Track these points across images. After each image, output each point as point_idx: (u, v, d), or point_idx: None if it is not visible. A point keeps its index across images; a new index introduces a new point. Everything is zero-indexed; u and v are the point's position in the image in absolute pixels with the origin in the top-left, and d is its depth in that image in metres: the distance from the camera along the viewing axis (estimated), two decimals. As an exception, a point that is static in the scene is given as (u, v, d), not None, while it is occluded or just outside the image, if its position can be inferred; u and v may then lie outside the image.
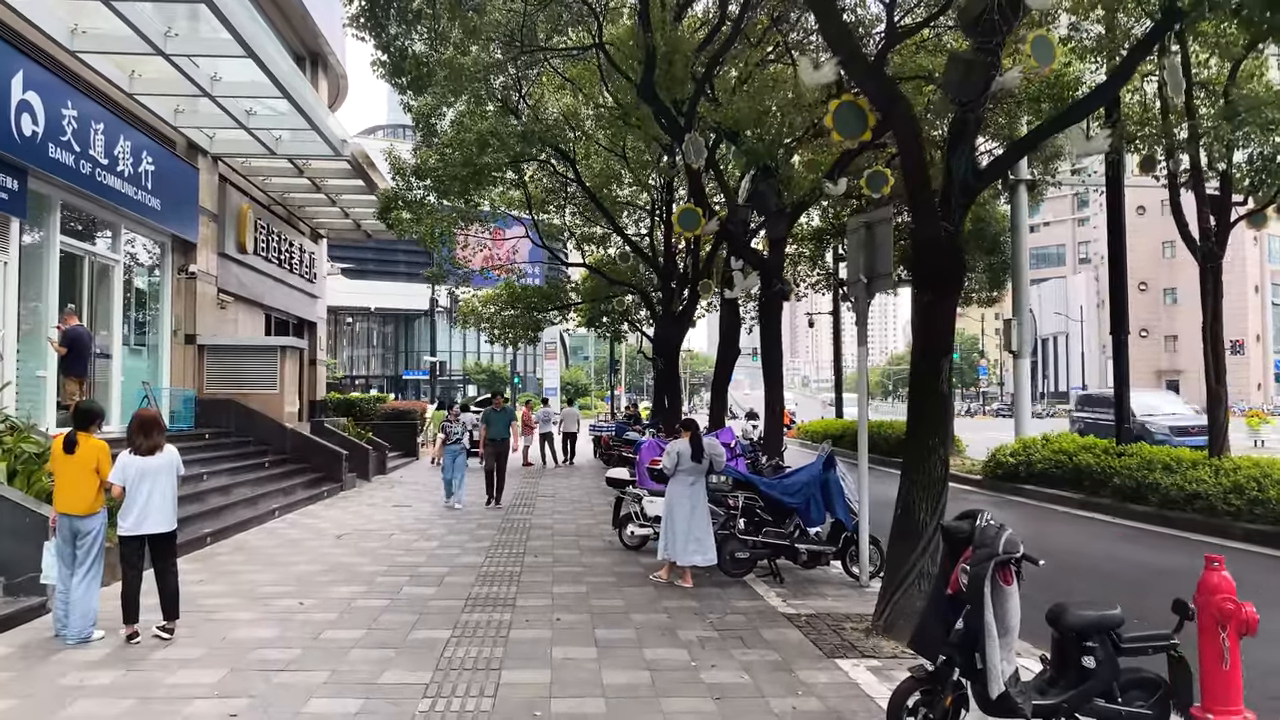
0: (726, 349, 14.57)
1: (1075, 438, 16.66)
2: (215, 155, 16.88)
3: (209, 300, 16.82)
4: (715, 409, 14.88)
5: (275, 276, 20.52)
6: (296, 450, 16.41)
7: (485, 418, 15.03)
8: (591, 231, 27.87)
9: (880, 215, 8.41)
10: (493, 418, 14.88)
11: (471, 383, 73.27)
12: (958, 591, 4.39)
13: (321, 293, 24.56)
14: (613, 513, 10.71)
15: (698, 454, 8.34)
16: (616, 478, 10.67)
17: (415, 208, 18.09)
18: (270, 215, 20.18)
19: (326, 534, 11.45)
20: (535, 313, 26.59)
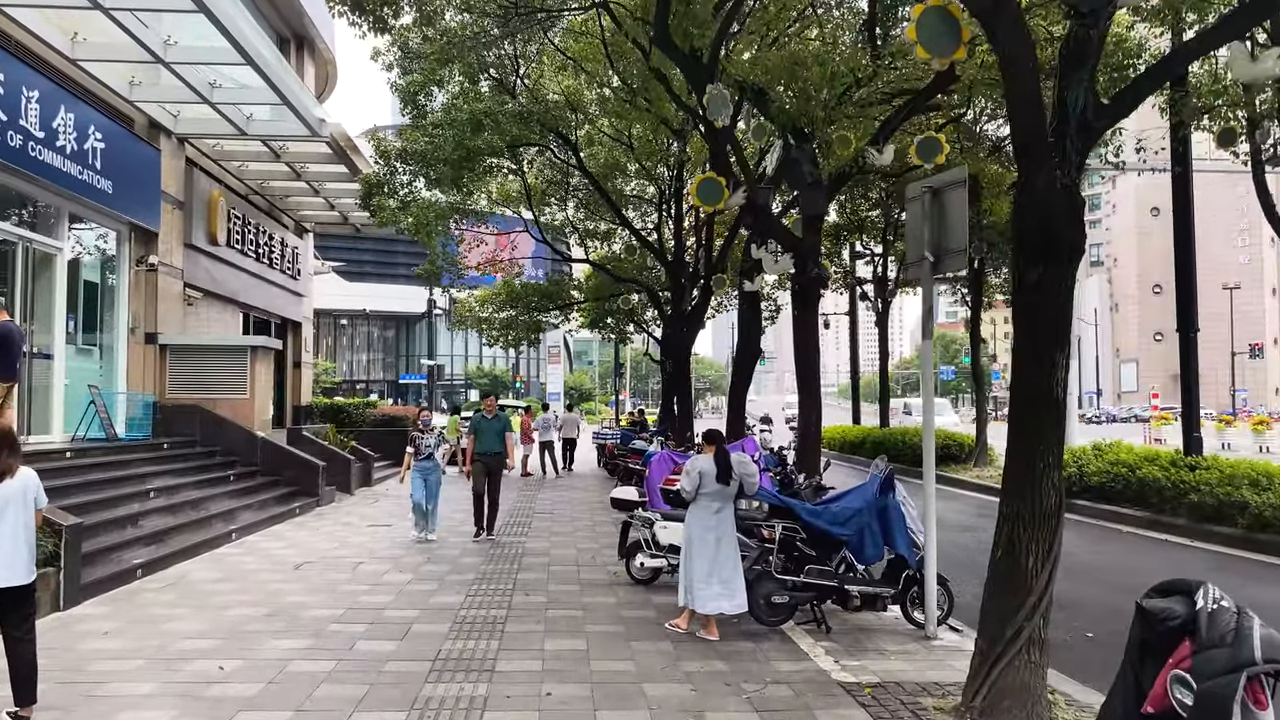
0: (746, 349, 12.96)
1: (1132, 447, 14.99)
2: (181, 136, 15.32)
3: (174, 296, 15.24)
4: (733, 417, 13.25)
5: (253, 272, 18.95)
6: (269, 462, 14.81)
7: (474, 426, 12.03)
8: (595, 227, 26.30)
9: (951, 178, 6.79)
10: (482, 426, 11.93)
11: (473, 387, 71.62)
12: (1166, 712, 2.77)
13: (307, 291, 22.99)
14: (619, 539, 9.08)
15: (724, 474, 6.71)
16: (623, 498, 9.03)
17: (401, 195, 16.50)
18: (248, 205, 18.61)
19: (285, 563, 9.84)
20: (536, 313, 25.03)
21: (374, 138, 16.58)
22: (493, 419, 12.01)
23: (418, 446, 11.67)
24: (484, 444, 11.89)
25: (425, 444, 11.72)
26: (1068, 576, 8.87)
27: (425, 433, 11.91)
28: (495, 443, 11.94)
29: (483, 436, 11.90)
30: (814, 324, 8.92)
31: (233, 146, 16.89)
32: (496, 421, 12.02)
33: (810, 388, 8.81)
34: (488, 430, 11.93)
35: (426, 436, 11.83)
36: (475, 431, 11.92)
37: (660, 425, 22.28)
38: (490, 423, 12.00)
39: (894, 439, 23.32)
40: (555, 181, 23.08)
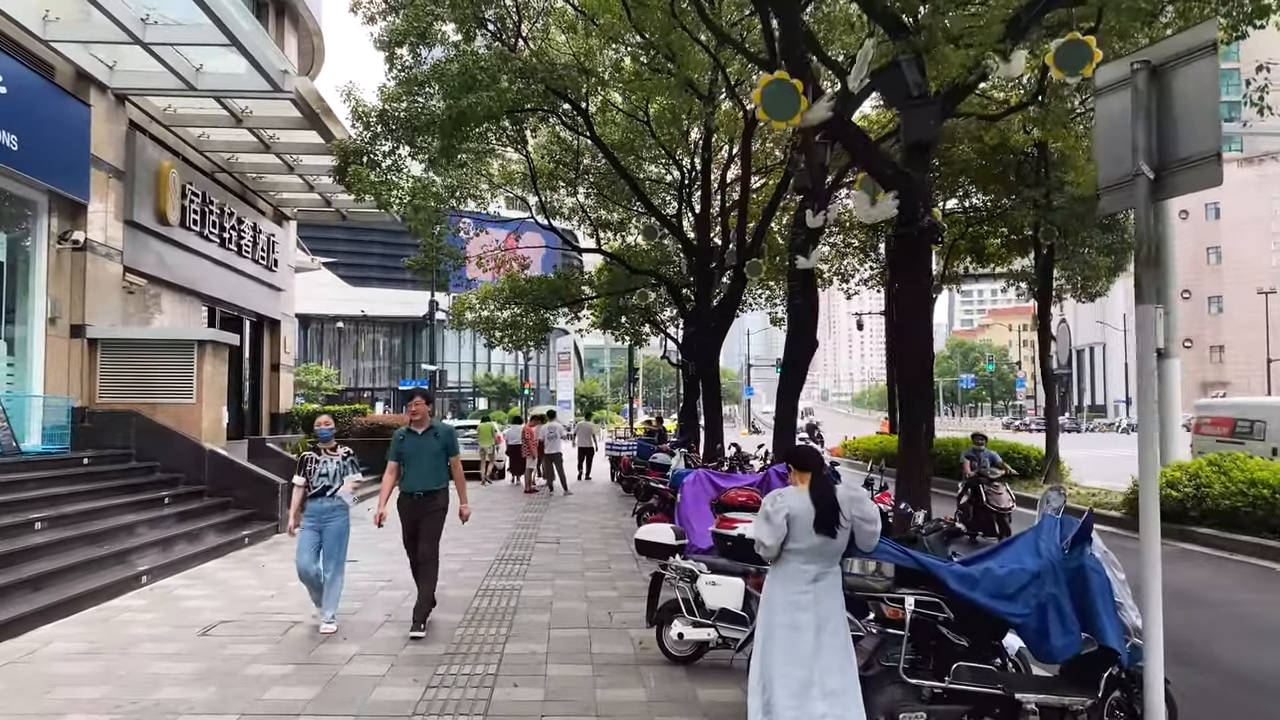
0: (800, 339, 10.44)
1: (1267, 463, 12.34)
2: (119, 92, 12.93)
3: (110, 281, 12.83)
4: (782, 427, 10.69)
5: (218, 260, 16.55)
6: (218, 479, 12.33)
7: (396, 447, 7.14)
8: (608, 217, 23.80)
9: (1189, 43, 4.26)
10: (408, 447, 7.09)
11: (481, 395, 69.36)
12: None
13: (287, 285, 20.59)
14: (648, 597, 6.50)
15: (827, 519, 4.14)
16: (653, 541, 6.43)
17: (383, 166, 14.03)
18: (210, 183, 16.23)
19: (194, 622, 7.33)
20: (542, 310, 22.52)
21: (350, 97, 14.18)
22: (424, 434, 7.05)
23: (309, 476, 7.11)
24: (411, 478, 7.03)
25: (322, 473, 7.10)
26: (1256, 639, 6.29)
27: (325, 453, 7.22)
28: (430, 474, 7.03)
29: (411, 464, 7.02)
30: (923, 293, 6.33)
31: (186, 109, 14.51)
32: (431, 439, 7.05)
33: (917, 382, 6.24)
34: (418, 454, 7.02)
35: (325, 460, 7.17)
36: (399, 456, 7.08)
37: (681, 435, 19.74)
38: (421, 441, 7.03)
39: (945, 451, 20.62)
40: (563, 162, 20.60)
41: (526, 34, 16.59)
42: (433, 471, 7.07)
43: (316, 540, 7.20)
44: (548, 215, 21.38)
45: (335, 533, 7.26)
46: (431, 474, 7.06)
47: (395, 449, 7.13)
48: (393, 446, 7.14)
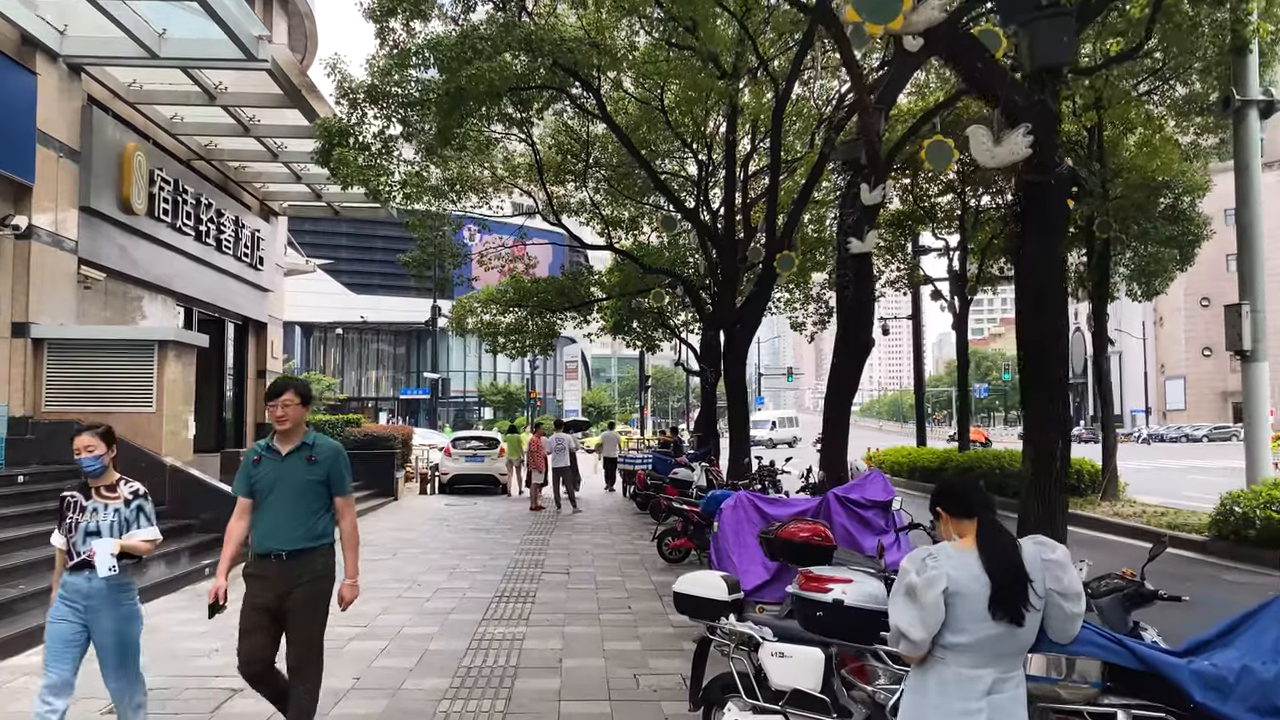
0: (853, 340, 8.88)
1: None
2: (73, 62, 11.47)
3: (60, 274, 11.34)
4: (831, 438, 9.11)
5: (195, 255, 15.06)
6: (181, 499, 10.80)
7: (245, 474, 4.40)
8: (619, 213, 22.27)
9: None
10: (265, 474, 4.33)
11: (487, 404, 67.80)
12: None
13: (274, 285, 19.10)
14: (693, 667, 4.91)
15: (1013, 596, 2.57)
16: (698, 597, 4.78)
17: (372, 149, 12.52)
18: (187, 171, 14.77)
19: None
20: (548, 314, 21.01)
21: (335, 71, 12.71)
22: (293, 454, 4.33)
23: (69, 533, 4.21)
24: (270, 524, 4.30)
25: (89, 529, 4.19)
26: None
27: (96, 496, 4.26)
28: (299, 521, 4.30)
29: (268, 504, 4.31)
30: (1056, 260, 4.71)
31: (153, 85, 13.05)
32: (301, 463, 4.32)
33: (1046, 372, 4.57)
34: (279, 487, 4.31)
35: (95, 508, 4.23)
36: (249, 490, 4.39)
37: (701, 447, 18.15)
38: (285, 467, 4.33)
39: (986, 464, 18.98)
40: (572, 153, 19.10)
41: (531, 8, 15.15)
42: (304, 517, 4.24)
43: (79, 641, 4.16)
44: (555, 212, 19.89)
45: (112, 634, 4.19)
46: (301, 521, 4.23)
47: (243, 478, 4.36)
48: (240, 473, 4.39)
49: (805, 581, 3.98)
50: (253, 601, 4.30)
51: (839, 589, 3.82)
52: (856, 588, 3.84)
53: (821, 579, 3.92)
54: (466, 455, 21.25)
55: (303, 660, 4.35)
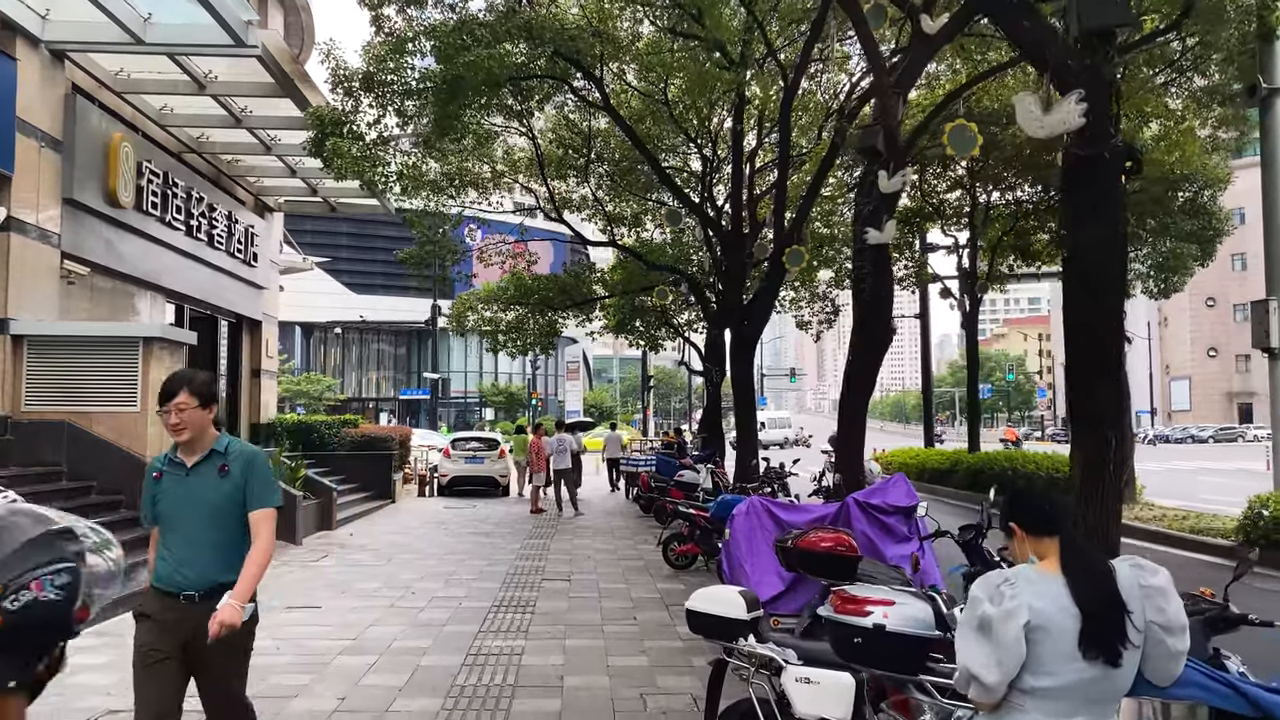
0: (870, 337, 8.43)
1: None
2: (56, 48, 11.04)
3: (41, 269, 10.90)
4: (849, 449, 8.64)
5: (186, 251, 14.62)
6: (166, 502, 10.36)
7: (148, 494, 3.50)
8: (622, 210, 21.84)
9: None
10: (167, 493, 3.44)
11: (488, 405, 67.33)
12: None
13: (269, 282, 18.66)
14: (708, 692, 4.46)
15: (1108, 631, 2.12)
16: (713, 615, 4.31)
17: (366, 140, 12.08)
18: (177, 164, 14.32)
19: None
20: (550, 311, 20.57)
21: (329, 57, 12.27)
22: (200, 466, 3.44)
23: None
24: (178, 554, 3.39)
25: None
26: None
27: None
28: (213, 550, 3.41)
29: (174, 529, 3.42)
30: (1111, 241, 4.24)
31: (141, 73, 12.61)
32: (213, 477, 3.42)
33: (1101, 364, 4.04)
34: (184, 509, 3.41)
35: None
36: (154, 515, 3.49)
37: (705, 448, 17.71)
38: (190, 484, 3.42)
39: (996, 467, 18.53)
40: (573, 148, 18.66)
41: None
42: (219, 545, 3.38)
43: None
44: (557, 208, 19.45)
45: None
46: (215, 550, 3.37)
47: (146, 500, 3.50)
48: (144, 495, 3.52)
49: (840, 604, 3.52)
50: (148, 653, 3.31)
51: (879, 612, 3.38)
52: (900, 611, 3.39)
53: (859, 601, 3.47)
54: (466, 457, 20.81)
55: (223, 711, 3.48)
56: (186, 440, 3.39)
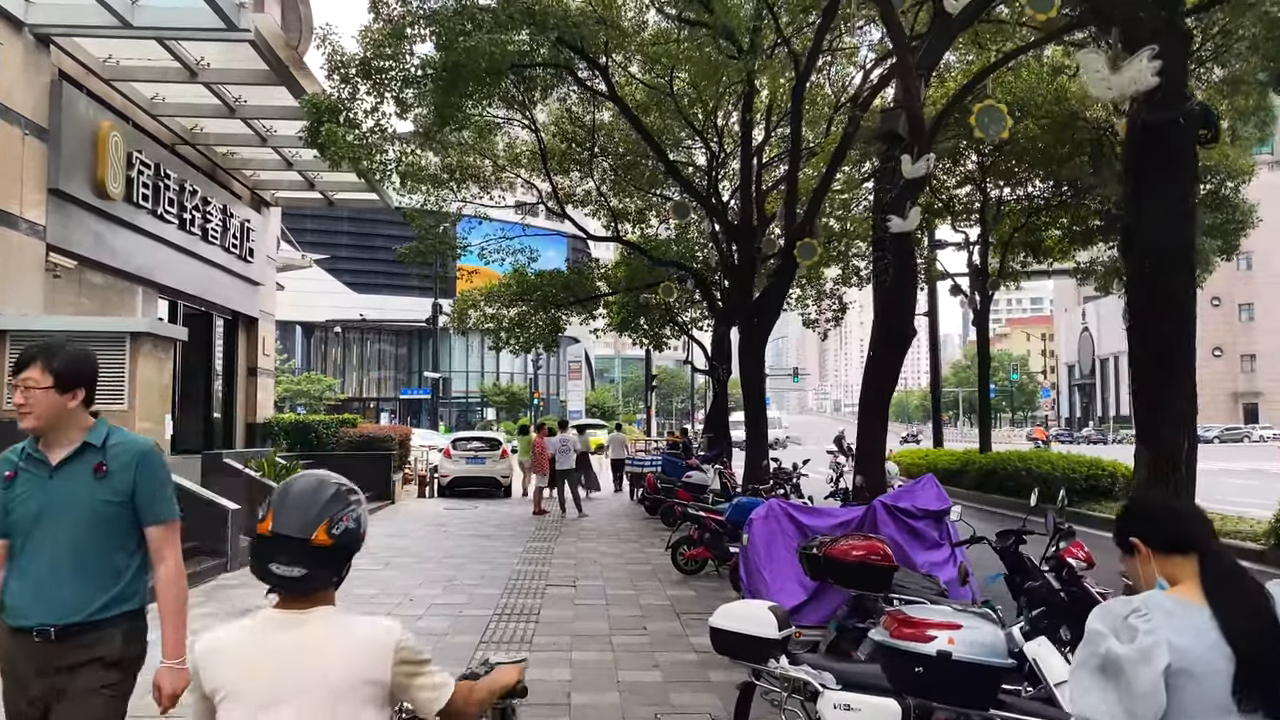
0: (893, 330, 7.99)
1: None
2: (40, 32, 10.63)
3: (26, 261, 10.50)
4: (869, 443, 8.21)
5: (179, 245, 14.21)
6: (154, 504, 9.96)
7: None
8: (626, 205, 21.40)
9: None
10: (21, 497, 2.64)
11: (489, 405, 66.93)
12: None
13: (266, 279, 18.26)
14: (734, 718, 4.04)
15: (1272, 674, 1.70)
16: (740, 634, 3.89)
17: (364, 128, 11.66)
18: (170, 156, 13.92)
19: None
20: (553, 309, 20.15)
21: (325, 42, 11.86)
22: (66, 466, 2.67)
23: None
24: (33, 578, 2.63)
25: None
26: None
27: None
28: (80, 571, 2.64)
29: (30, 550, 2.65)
30: (1184, 216, 3.80)
31: (131, 60, 12.20)
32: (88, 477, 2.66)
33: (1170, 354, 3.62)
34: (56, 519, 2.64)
35: None
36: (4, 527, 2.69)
37: (712, 449, 17.29)
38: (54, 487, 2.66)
39: (1009, 467, 18.09)
40: (576, 140, 18.23)
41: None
42: (91, 567, 2.64)
43: None
44: (560, 202, 19.03)
45: None
46: (85, 573, 2.64)
47: None
48: None
49: (897, 627, 3.08)
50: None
51: (944, 637, 2.94)
52: (967, 635, 2.96)
53: (919, 624, 3.03)
54: (467, 457, 20.36)
55: None
56: (36, 429, 2.62)
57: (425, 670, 1.96)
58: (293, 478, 2.02)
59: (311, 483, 1.96)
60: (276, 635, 1.89)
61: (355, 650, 1.88)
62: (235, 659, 1.89)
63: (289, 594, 1.90)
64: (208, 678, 1.90)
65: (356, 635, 1.90)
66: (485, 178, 18.39)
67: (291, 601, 1.91)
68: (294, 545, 1.86)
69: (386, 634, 1.91)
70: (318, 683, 1.84)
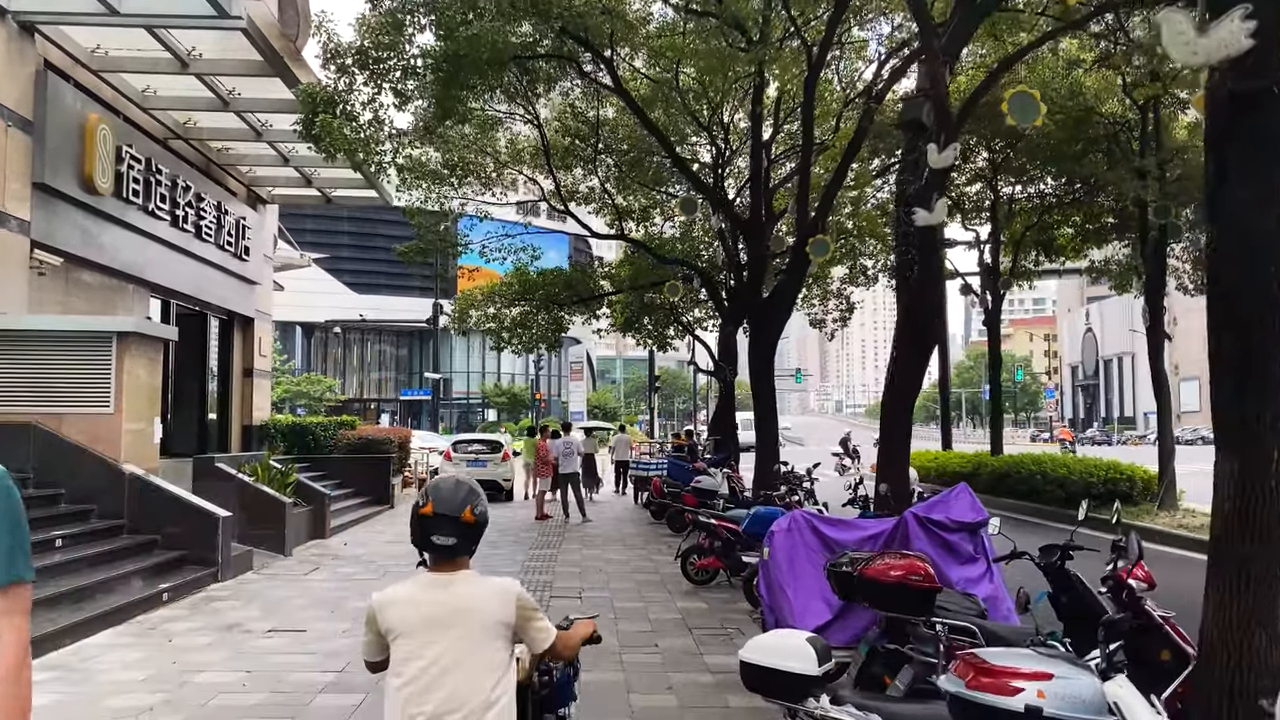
0: (918, 329, 7.55)
1: None
2: (24, 19, 10.21)
3: (11, 258, 10.07)
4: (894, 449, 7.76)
5: (171, 242, 13.79)
6: (142, 512, 9.57)
7: None
8: (630, 204, 21.00)
9: None
10: None
11: (491, 406, 66.54)
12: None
13: (262, 278, 17.83)
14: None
15: None
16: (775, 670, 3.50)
17: (361, 119, 11.24)
18: (162, 151, 13.50)
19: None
20: (556, 308, 19.75)
21: (320, 30, 11.45)
22: None
23: None
24: None
25: None
26: None
27: None
28: None
29: None
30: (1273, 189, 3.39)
31: (120, 51, 11.79)
32: None
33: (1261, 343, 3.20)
34: None
35: None
36: None
37: (719, 452, 16.87)
38: None
39: (1023, 470, 17.64)
40: (580, 136, 17.82)
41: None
42: None
43: None
44: (563, 200, 18.62)
45: None
46: None
47: None
48: None
49: (975, 676, 2.65)
50: None
51: (1032, 689, 2.51)
52: (1061, 688, 2.53)
53: (1001, 673, 2.60)
54: (468, 460, 19.92)
55: None
56: None
57: (538, 617, 2.66)
58: (437, 479, 2.67)
59: (453, 482, 2.61)
60: (434, 590, 2.55)
61: (491, 599, 2.55)
62: (404, 607, 2.55)
63: (442, 559, 2.55)
64: (382, 619, 2.56)
65: (492, 588, 2.58)
66: (487, 174, 17.99)
67: (442, 566, 2.56)
68: (449, 521, 2.48)
69: (511, 587, 2.60)
70: (466, 622, 2.51)
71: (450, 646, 2.47)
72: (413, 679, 2.48)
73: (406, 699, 2.47)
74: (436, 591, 2.54)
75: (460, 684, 2.47)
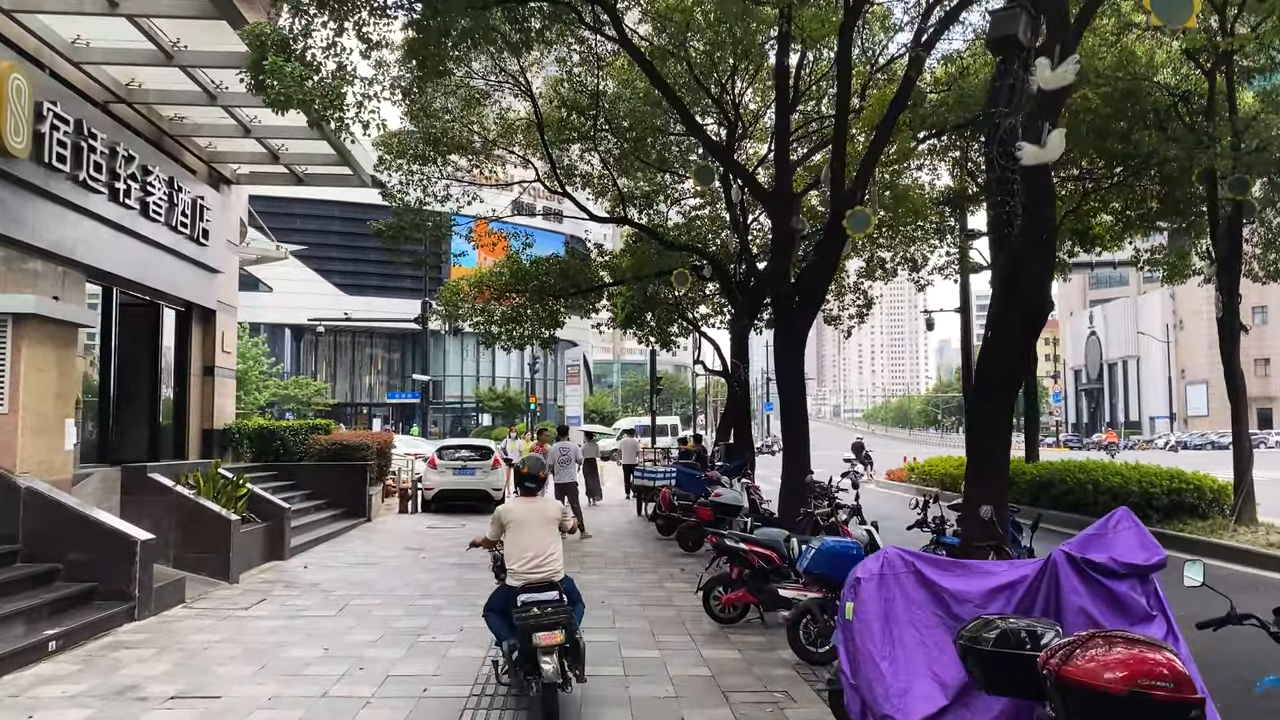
0: (1022, 294, 5.79)
1: None
2: (-93, -61, 8.44)
3: (-113, 227, 8.29)
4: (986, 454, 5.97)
5: (110, 219, 11.94)
6: (42, 535, 7.76)
7: None
8: (631, 189, 19.22)
9: None
10: None
11: (485, 410, 64.67)
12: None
13: (225, 266, 15.98)
14: None
15: None
16: None
17: (319, 66, 9.48)
18: (99, 115, 11.68)
19: None
20: (551, 300, 17.97)
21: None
22: None
23: None
24: None
25: None
26: None
27: None
28: None
29: None
30: None
31: (34, -15, 10.01)
32: None
33: None
34: None
35: None
36: None
37: (735, 459, 15.10)
38: None
39: (1069, 479, 15.85)
40: (577, 108, 16.05)
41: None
42: None
43: None
44: (559, 179, 16.88)
45: None
46: None
47: None
48: None
49: None
50: None
51: None
52: None
53: None
54: (454, 468, 18.09)
55: None
56: None
57: (567, 518, 6.02)
58: (526, 456, 6.49)
59: (535, 457, 6.19)
60: (526, 504, 5.79)
61: (551, 508, 5.91)
62: (516, 512, 5.75)
63: (528, 493, 5.96)
64: (504, 514, 5.79)
65: (552, 505, 6.01)
66: (474, 150, 16.22)
67: (528, 495, 5.92)
68: (532, 478, 5.96)
69: (558, 505, 6.09)
70: (542, 518, 5.76)
71: (538, 528, 5.65)
72: (525, 546, 5.59)
73: (520, 551, 5.58)
74: (528, 505, 5.82)
75: (544, 544, 5.62)
